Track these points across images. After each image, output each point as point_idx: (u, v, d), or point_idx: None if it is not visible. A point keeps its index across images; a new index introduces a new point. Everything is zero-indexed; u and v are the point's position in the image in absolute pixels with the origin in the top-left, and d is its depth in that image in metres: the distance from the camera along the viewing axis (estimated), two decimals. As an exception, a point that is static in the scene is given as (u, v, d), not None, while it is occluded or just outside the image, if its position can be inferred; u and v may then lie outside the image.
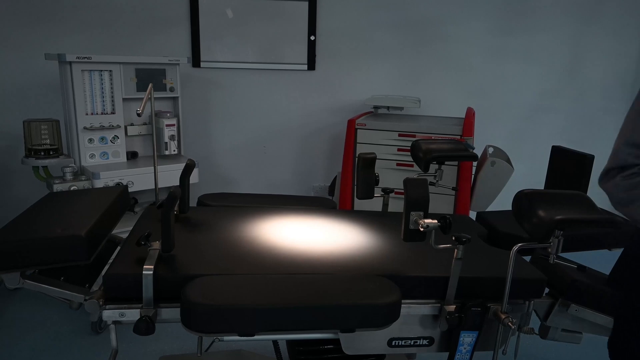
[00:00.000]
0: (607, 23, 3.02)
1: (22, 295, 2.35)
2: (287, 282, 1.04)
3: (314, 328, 0.99)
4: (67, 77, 2.18)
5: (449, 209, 2.37)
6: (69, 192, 1.75)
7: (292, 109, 3.07)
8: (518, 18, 3.03)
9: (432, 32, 3.01)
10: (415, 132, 2.39)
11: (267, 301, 0.96)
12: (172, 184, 2.26)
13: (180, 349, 1.96)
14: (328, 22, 2.94)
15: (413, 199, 1.04)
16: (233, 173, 3.13)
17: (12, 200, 2.63)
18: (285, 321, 0.96)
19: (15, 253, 1.04)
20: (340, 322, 0.99)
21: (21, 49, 2.62)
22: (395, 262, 1.20)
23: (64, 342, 2.01)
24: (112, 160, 2.34)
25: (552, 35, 3.03)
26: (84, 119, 2.24)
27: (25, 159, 2.22)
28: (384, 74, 3.05)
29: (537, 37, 3.04)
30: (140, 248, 1.08)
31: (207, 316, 0.93)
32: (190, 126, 2.87)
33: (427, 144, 1.57)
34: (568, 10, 3.00)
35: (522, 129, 3.08)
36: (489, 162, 2.24)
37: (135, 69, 2.32)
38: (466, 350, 1.12)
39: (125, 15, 2.73)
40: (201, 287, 0.98)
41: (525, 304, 1.15)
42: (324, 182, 3.18)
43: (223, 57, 2.91)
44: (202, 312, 0.93)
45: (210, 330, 0.95)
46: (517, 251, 1.08)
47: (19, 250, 1.04)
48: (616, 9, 2.95)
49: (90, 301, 1.02)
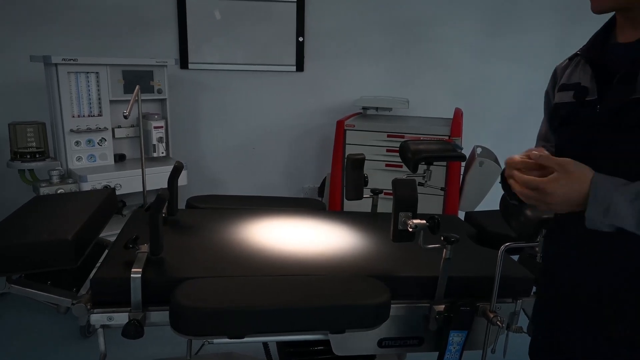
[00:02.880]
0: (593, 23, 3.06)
1: (9, 300, 2.31)
2: (276, 284, 1.04)
3: (304, 329, 0.99)
4: (53, 79, 2.15)
5: (437, 209, 2.39)
6: (56, 195, 1.73)
7: (281, 111, 3.06)
8: (506, 19, 3.07)
9: (421, 33, 3.03)
10: (403, 133, 2.41)
11: (257, 303, 0.96)
12: (160, 186, 2.21)
13: (170, 353, 1.95)
14: (316, 23, 2.94)
15: (402, 199, 1.05)
16: (222, 175, 3.11)
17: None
18: (275, 323, 0.96)
19: (1, 257, 1.03)
20: (330, 323, 0.99)
21: (6, 51, 2.57)
22: (385, 263, 1.21)
23: (52, 347, 1.98)
24: (99, 162, 2.31)
25: (539, 35, 3.08)
26: (71, 121, 2.21)
27: (11, 162, 2.18)
28: (372, 75, 3.06)
29: (524, 37, 3.09)
30: (128, 251, 1.07)
31: (196, 319, 0.93)
32: (178, 128, 2.84)
33: (416, 144, 1.59)
34: (555, 10, 3.05)
35: (510, 129, 3.12)
36: (477, 162, 2.27)
37: (122, 70, 2.29)
38: (455, 349, 1.13)
39: (112, 16, 2.70)
40: (190, 289, 0.98)
41: (513, 302, 1.16)
42: (314, 183, 3.18)
43: (211, 58, 2.89)
44: (191, 315, 0.93)
45: (200, 333, 0.95)
46: (505, 250, 1.09)
47: (4, 255, 1.03)
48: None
49: (78, 305, 1.01)
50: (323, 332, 1.04)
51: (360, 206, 1.67)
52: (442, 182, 2.36)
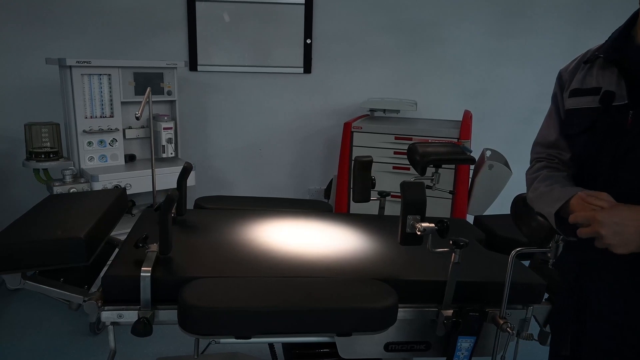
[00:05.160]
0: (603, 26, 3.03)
1: (22, 295, 2.35)
2: (283, 285, 1.05)
3: (310, 331, 0.99)
4: (67, 81, 2.19)
5: (446, 212, 2.38)
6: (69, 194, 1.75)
7: (288, 112, 3.07)
8: (514, 20, 3.05)
9: (429, 35, 3.02)
10: (411, 135, 2.40)
11: (264, 304, 0.97)
12: (169, 186, 2.26)
13: (177, 351, 1.96)
14: (324, 25, 2.95)
15: (410, 202, 1.04)
16: (229, 176, 3.13)
17: (12, 202, 2.62)
18: (282, 324, 0.96)
19: (17, 255, 1.05)
20: (336, 325, 0.99)
21: (22, 54, 2.62)
22: (392, 266, 1.20)
23: (62, 342, 2.01)
24: (110, 163, 2.34)
25: (548, 37, 3.05)
26: (84, 122, 2.24)
27: (26, 162, 2.22)
28: (380, 76, 3.06)
29: (533, 39, 3.06)
30: (138, 250, 1.08)
31: (204, 319, 0.94)
32: (187, 129, 2.87)
33: (424, 147, 1.58)
34: (564, 12, 3.02)
35: (520, 131, 3.09)
36: (486, 166, 2.25)
37: (133, 72, 2.32)
38: (464, 355, 1.12)
39: (124, 20, 2.73)
40: (198, 289, 0.98)
41: (524, 309, 1.15)
42: (320, 185, 3.18)
43: (220, 60, 2.92)
44: (198, 314, 0.93)
45: (207, 333, 0.96)
46: (516, 256, 1.07)
47: (20, 252, 1.05)
48: (612, 12, 2.97)
49: (89, 302, 1.02)
50: (329, 334, 1.04)
51: (368, 208, 1.67)
52: (451, 185, 2.35)
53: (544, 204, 0.92)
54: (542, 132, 1.07)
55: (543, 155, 1.05)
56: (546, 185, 0.95)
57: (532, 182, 1.02)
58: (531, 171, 1.06)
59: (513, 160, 2.36)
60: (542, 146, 1.06)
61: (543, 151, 1.05)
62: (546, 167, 1.01)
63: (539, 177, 1.00)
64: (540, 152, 1.06)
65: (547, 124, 1.06)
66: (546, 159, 1.04)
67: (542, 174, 0.99)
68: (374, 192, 1.55)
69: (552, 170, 1.00)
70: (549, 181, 0.95)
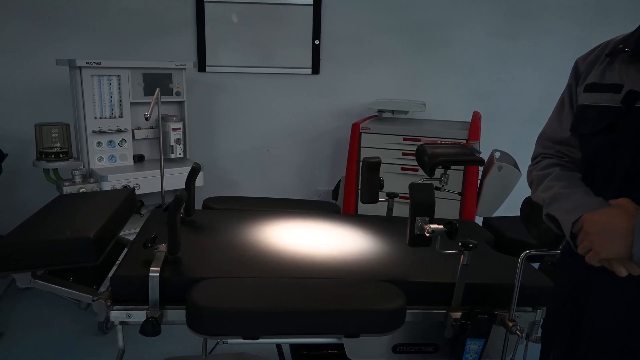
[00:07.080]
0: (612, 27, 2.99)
1: (32, 294, 2.37)
2: (291, 286, 1.04)
3: (318, 332, 0.99)
4: (77, 81, 2.21)
5: (454, 214, 2.36)
6: (78, 194, 1.77)
7: (296, 113, 3.07)
8: (522, 22, 3.02)
9: (437, 36, 3.01)
10: (420, 136, 2.39)
11: (272, 305, 0.97)
12: (177, 187, 2.28)
13: (185, 351, 1.97)
14: (332, 26, 2.95)
15: (419, 203, 1.04)
16: (237, 176, 3.14)
17: (23, 202, 2.66)
18: (290, 325, 0.96)
19: (27, 254, 1.06)
20: (344, 327, 0.99)
21: (33, 55, 2.66)
22: (400, 268, 1.20)
23: (71, 342, 2.02)
24: (119, 163, 2.36)
25: (557, 38, 3.02)
26: (93, 122, 2.26)
27: (37, 162, 2.25)
28: (388, 77, 3.05)
29: (542, 40, 3.03)
30: (147, 250, 1.08)
31: (212, 319, 0.94)
32: (195, 130, 2.89)
33: (433, 148, 1.57)
34: (572, 13, 2.99)
35: (529, 132, 3.05)
36: (495, 167, 2.23)
37: (142, 73, 2.34)
38: (472, 358, 1.11)
39: (133, 21, 2.76)
40: (206, 290, 0.99)
41: (533, 311, 1.14)
42: (328, 186, 3.18)
43: (228, 61, 2.93)
44: (207, 315, 0.94)
45: (215, 333, 0.96)
46: (526, 258, 1.06)
47: (30, 252, 1.06)
48: (621, 13, 2.93)
49: (98, 302, 1.03)
50: (337, 335, 1.03)
51: (376, 210, 1.66)
52: (459, 186, 2.33)
53: (560, 209, 0.83)
54: (551, 125, 0.95)
55: (551, 151, 0.95)
56: (562, 187, 0.85)
57: (542, 179, 0.91)
58: (539, 167, 0.95)
59: (522, 161, 2.33)
60: (551, 141, 0.95)
61: (552, 146, 0.95)
62: (557, 165, 0.92)
63: (550, 176, 0.90)
64: (549, 147, 0.96)
65: (557, 116, 0.94)
66: (556, 156, 0.94)
67: (555, 172, 0.90)
68: (382, 193, 1.55)
69: (565, 169, 0.91)
70: (565, 182, 0.86)
